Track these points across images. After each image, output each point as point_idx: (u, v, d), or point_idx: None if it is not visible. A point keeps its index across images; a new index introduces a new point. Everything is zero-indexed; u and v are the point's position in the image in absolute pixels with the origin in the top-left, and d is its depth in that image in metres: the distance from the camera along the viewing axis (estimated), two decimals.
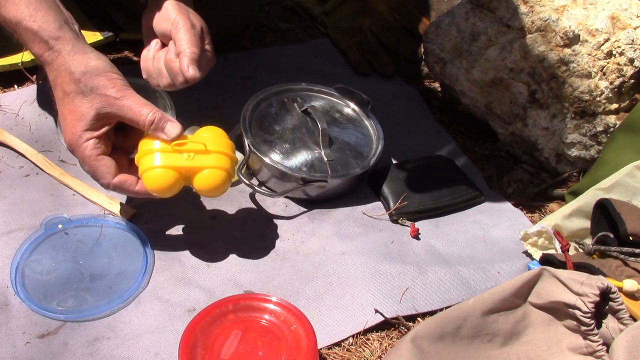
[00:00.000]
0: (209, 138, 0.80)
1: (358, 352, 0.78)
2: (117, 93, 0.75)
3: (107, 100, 0.74)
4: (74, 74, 0.74)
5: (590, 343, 0.71)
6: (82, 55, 0.75)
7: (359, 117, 1.06)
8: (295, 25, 1.39)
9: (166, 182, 0.77)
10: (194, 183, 0.79)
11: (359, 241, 0.91)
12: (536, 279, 0.73)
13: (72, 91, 0.74)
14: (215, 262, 0.86)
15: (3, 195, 0.90)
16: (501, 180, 1.10)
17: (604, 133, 1.08)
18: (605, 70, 1.05)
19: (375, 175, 1.01)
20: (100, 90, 0.74)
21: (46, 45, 0.75)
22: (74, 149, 0.76)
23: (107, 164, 0.76)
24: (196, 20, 0.86)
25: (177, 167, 0.77)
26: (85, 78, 0.74)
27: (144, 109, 0.76)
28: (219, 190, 0.81)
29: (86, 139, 0.75)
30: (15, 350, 0.73)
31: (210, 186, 0.79)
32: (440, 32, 1.17)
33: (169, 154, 0.77)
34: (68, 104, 0.75)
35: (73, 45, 0.75)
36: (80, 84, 0.74)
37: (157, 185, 0.77)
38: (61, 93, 0.75)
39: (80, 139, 0.75)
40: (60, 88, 0.75)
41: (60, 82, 0.75)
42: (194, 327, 0.72)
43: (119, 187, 0.78)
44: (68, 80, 0.74)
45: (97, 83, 0.74)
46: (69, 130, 0.75)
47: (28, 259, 0.82)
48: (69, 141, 0.76)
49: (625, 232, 0.82)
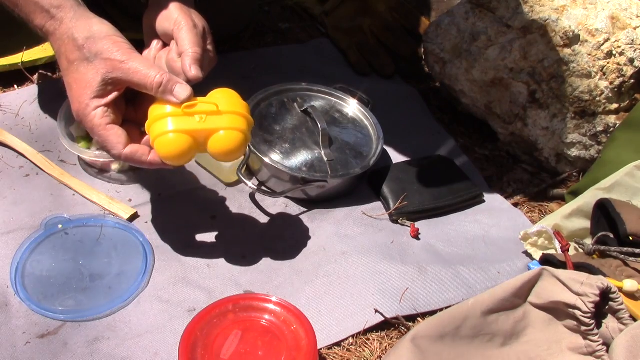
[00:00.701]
0: (221, 99, 0.76)
1: (358, 352, 0.78)
2: (122, 56, 0.72)
3: (112, 64, 0.72)
4: (77, 40, 0.72)
5: (590, 343, 0.71)
6: (85, 21, 0.73)
7: (359, 117, 1.06)
8: (295, 25, 1.39)
9: (180, 147, 0.73)
10: (208, 147, 0.75)
11: (359, 241, 0.91)
12: (536, 279, 0.73)
13: (77, 59, 0.72)
14: (215, 262, 0.86)
15: (3, 195, 0.90)
16: (501, 180, 1.10)
17: (604, 133, 1.08)
18: (605, 70, 1.05)
19: (375, 175, 1.01)
20: (105, 54, 0.72)
21: (48, 14, 0.73)
22: (82, 118, 0.73)
23: (117, 133, 0.73)
24: (198, 20, 0.86)
25: (190, 131, 0.73)
26: (88, 44, 0.72)
27: (151, 71, 0.73)
28: (236, 154, 0.76)
29: (94, 107, 0.72)
30: (15, 350, 0.73)
31: (227, 149, 0.75)
32: (440, 32, 1.17)
33: (180, 117, 0.73)
34: (73, 73, 0.73)
35: (75, 12, 0.74)
36: (84, 50, 0.72)
37: (170, 152, 0.73)
38: (65, 62, 0.73)
39: (88, 108, 0.72)
40: (64, 57, 0.73)
41: (64, 50, 0.73)
42: (194, 327, 0.72)
43: (130, 158, 0.74)
44: (72, 47, 0.72)
45: (101, 47, 0.72)
46: (75, 99, 0.73)
47: (28, 259, 0.82)
48: (76, 111, 0.73)
49: (625, 232, 0.82)
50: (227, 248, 0.88)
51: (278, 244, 0.90)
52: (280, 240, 0.91)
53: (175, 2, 0.85)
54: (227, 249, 0.88)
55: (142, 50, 0.90)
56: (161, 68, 0.75)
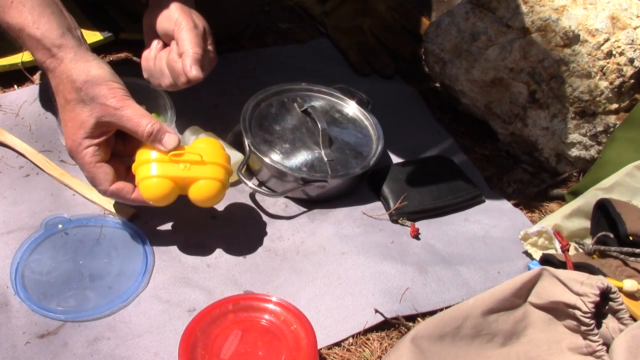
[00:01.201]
0: (205, 149, 0.82)
1: (358, 352, 0.78)
2: (117, 103, 0.76)
3: (107, 109, 0.76)
4: (75, 82, 0.75)
5: (590, 343, 0.71)
6: (83, 64, 0.76)
7: (359, 117, 1.06)
8: (295, 25, 1.39)
9: (162, 191, 0.79)
10: (189, 193, 0.81)
11: (359, 241, 0.91)
12: (536, 279, 0.73)
13: (73, 99, 0.76)
14: (215, 262, 0.86)
15: (3, 195, 0.90)
16: (501, 180, 1.10)
17: (604, 133, 1.08)
18: (605, 70, 1.05)
19: (375, 175, 1.01)
20: (101, 99, 0.75)
21: (49, 52, 0.76)
22: (74, 155, 0.78)
23: (105, 171, 0.78)
24: (199, 21, 0.86)
25: (173, 177, 0.79)
26: (86, 87, 0.75)
27: (142, 120, 0.77)
28: (213, 201, 0.83)
29: (86, 146, 0.76)
30: (15, 350, 0.73)
31: (205, 196, 0.81)
32: (440, 32, 1.17)
33: (165, 163, 0.79)
34: (69, 112, 0.76)
35: (75, 53, 0.76)
36: (81, 93, 0.75)
37: (153, 194, 0.79)
38: (63, 100, 0.77)
39: (80, 146, 0.76)
40: (62, 95, 0.77)
41: (62, 89, 0.76)
42: (194, 327, 0.72)
43: (115, 194, 0.80)
44: (70, 88, 0.75)
45: (97, 92, 0.75)
46: (69, 137, 0.77)
47: (28, 259, 0.82)
48: (69, 147, 0.77)
49: (625, 232, 0.82)
50: (227, 248, 0.88)
51: (278, 244, 0.90)
52: (280, 240, 0.91)
53: (175, 2, 0.85)
54: (227, 249, 0.88)
55: (142, 50, 0.91)
56: (152, 117, 0.78)
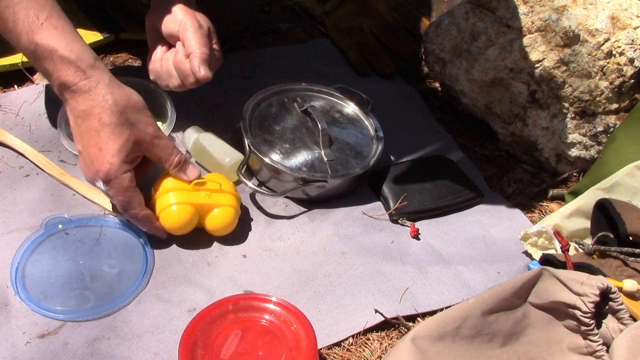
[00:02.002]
0: (219, 179, 0.88)
1: (358, 352, 0.78)
2: (156, 132, 0.79)
3: (145, 136, 0.78)
4: (117, 105, 0.75)
5: (590, 343, 0.71)
6: (121, 89, 0.77)
7: (359, 117, 1.06)
8: (295, 25, 1.39)
9: (184, 217, 0.84)
10: (207, 221, 0.86)
11: (359, 241, 0.91)
12: (536, 279, 0.73)
13: (113, 122, 0.75)
14: (215, 261, 0.86)
15: (3, 195, 0.90)
16: (501, 180, 1.10)
17: (604, 133, 1.08)
18: (605, 70, 1.05)
19: (375, 175, 1.01)
20: (141, 125, 0.77)
21: (83, 74, 0.75)
22: (111, 179, 0.77)
23: (139, 195, 0.80)
24: (203, 21, 0.86)
25: (196, 204, 0.84)
26: (127, 112, 0.76)
27: (175, 150, 0.82)
28: (230, 227, 0.88)
29: (125, 170, 0.77)
30: (15, 350, 0.73)
31: (223, 224, 0.86)
32: (440, 32, 1.17)
33: (187, 192, 0.84)
34: (106, 135, 0.76)
35: (110, 77, 0.77)
36: (121, 117, 0.76)
37: (176, 221, 0.84)
38: (98, 123, 0.76)
39: (120, 170, 0.77)
40: (97, 118, 0.75)
41: (98, 112, 0.75)
42: (194, 327, 0.72)
43: (147, 219, 0.82)
44: (110, 111, 0.75)
45: (138, 119, 0.77)
46: (105, 160, 0.76)
47: (28, 259, 0.82)
48: (106, 171, 0.76)
49: (625, 232, 0.82)
50: (227, 248, 0.88)
51: (278, 244, 0.90)
52: (280, 240, 0.91)
53: (179, 3, 0.86)
54: (227, 249, 0.88)
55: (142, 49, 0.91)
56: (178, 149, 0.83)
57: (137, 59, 1.17)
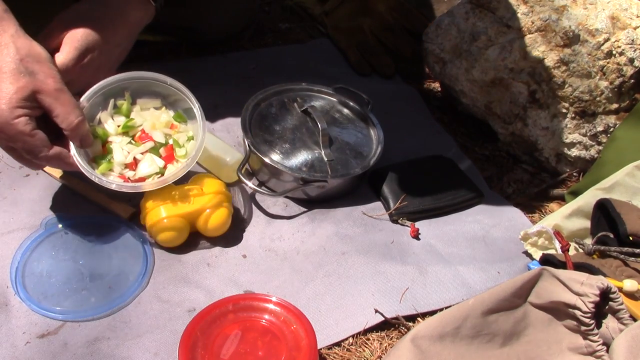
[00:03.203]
0: (201, 181, 0.87)
1: (358, 352, 0.78)
2: (56, 84, 0.75)
3: (44, 87, 0.74)
4: (17, 52, 0.73)
5: (590, 343, 0.71)
6: (26, 40, 0.74)
7: (359, 117, 1.06)
8: (295, 25, 1.39)
9: (175, 229, 0.84)
10: (198, 225, 0.86)
11: (359, 241, 0.91)
12: (536, 279, 0.73)
13: (11, 69, 0.72)
14: (215, 262, 0.86)
15: (3, 195, 0.90)
16: (501, 180, 1.10)
17: (604, 133, 1.08)
18: (605, 70, 1.05)
19: (375, 175, 1.01)
20: (40, 76, 0.74)
21: None
22: (2, 125, 0.73)
23: (41, 137, 0.75)
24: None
25: (183, 214, 0.84)
26: (27, 60, 0.73)
27: (76, 110, 0.77)
28: (223, 228, 0.87)
29: (17, 115, 0.73)
30: (15, 350, 0.73)
31: (217, 224, 0.86)
32: (440, 32, 1.17)
33: (172, 204, 0.84)
34: (1, 81, 0.72)
35: (17, 29, 0.74)
36: (20, 64, 0.73)
37: (168, 235, 0.84)
38: None
39: (12, 114, 0.72)
40: None
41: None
42: (194, 327, 0.72)
43: (57, 157, 0.77)
44: (9, 58, 0.73)
45: (38, 69, 0.74)
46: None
47: (28, 259, 0.82)
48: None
49: (625, 232, 0.82)
50: (227, 248, 0.88)
51: (278, 244, 0.90)
52: (280, 240, 0.91)
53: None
54: (227, 249, 0.88)
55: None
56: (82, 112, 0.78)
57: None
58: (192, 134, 0.89)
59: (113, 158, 0.84)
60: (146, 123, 0.87)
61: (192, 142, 0.88)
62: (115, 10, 0.85)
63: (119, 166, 0.84)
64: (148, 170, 0.85)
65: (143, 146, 0.86)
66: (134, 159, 0.85)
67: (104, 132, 0.85)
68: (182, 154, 0.87)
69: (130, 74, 0.86)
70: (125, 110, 0.87)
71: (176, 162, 0.87)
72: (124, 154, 0.85)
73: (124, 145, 0.85)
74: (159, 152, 0.87)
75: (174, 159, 0.87)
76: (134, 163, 0.85)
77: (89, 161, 0.83)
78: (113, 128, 0.86)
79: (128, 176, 0.84)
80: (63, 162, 0.78)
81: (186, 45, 1.23)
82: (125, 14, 0.86)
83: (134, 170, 0.85)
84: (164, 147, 0.87)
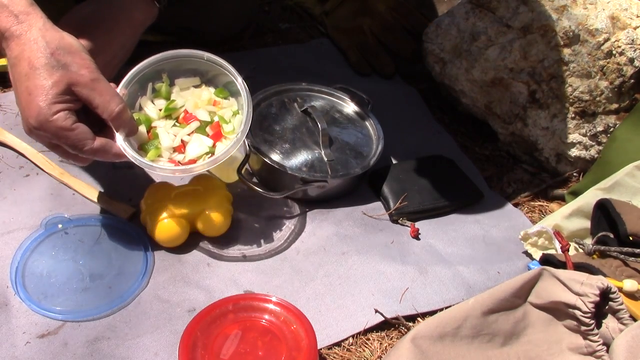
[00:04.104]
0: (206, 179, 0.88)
1: (358, 352, 0.78)
2: (91, 74, 0.73)
3: (79, 79, 0.72)
4: (48, 46, 0.71)
5: (590, 343, 0.71)
6: (55, 32, 0.72)
7: (359, 117, 1.06)
8: (295, 25, 1.39)
9: (175, 230, 0.84)
10: (199, 226, 0.86)
11: (359, 241, 0.91)
12: (536, 279, 0.73)
13: (43, 65, 0.70)
14: (215, 262, 0.86)
15: (3, 195, 0.90)
16: (501, 180, 1.10)
17: (604, 133, 1.08)
18: (605, 70, 1.05)
19: (375, 175, 1.01)
20: (73, 67, 0.72)
21: (15, 18, 0.71)
22: (42, 122, 0.71)
23: (84, 130, 0.73)
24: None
25: (185, 214, 0.84)
26: (58, 53, 0.71)
27: (115, 98, 0.74)
28: (223, 228, 0.87)
29: (56, 110, 0.71)
30: (15, 350, 0.73)
31: (216, 225, 0.86)
32: (440, 32, 1.17)
33: (172, 204, 0.84)
34: (35, 78, 0.70)
35: (44, 22, 0.72)
36: (52, 58, 0.71)
37: (168, 235, 0.84)
38: (27, 67, 0.71)
39: (50, 110, 0.70)
40: (27, 62, 0.71)
41: (28, 55, 0.71)
42: (194, 327, 0.72)
43: (102, 150, 0.75)
44: (40, 53, 0.70)
45: (71, 60, 0.72)
46: (35, 104, 0.70)
47: (28, 259, 0.82)
48: (35, 115, 0.70)
49: (625, 232, 0.82)
50: (227, 248, 0.88)
51: (278, 244, 0.90)
52: (280, 240, 0.91)
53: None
54: (227, 249, 0.88)
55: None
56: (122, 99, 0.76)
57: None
58: (237, 108, 0.85)
59: (160, 143, 0.81)
60: (188, 103, 0.84)
61: (238, 117, 0.84)
62: (120, 11, 0.85)
63: (168, 151, 0.81)
64: (198, 151, 0.81)
65: (189, 127, 0.82)
66: (182, 142, 0.82)
67: (147, 117, 0.82)
68: (230, 130, 0.83)
69: (164, 54, 0.83)
70: (165, 92, 0.85)
71: (224, 139, 0.83)
72: (171, 138, 0.81)
73: (169, 128, 0.82)
74: (205, 131, 0.83)
75: (222, 136, 0.83)
76: (182, 146, 0.82)
77: (136, 150, 0.80)
78: (155, 112, 0.83)
79: (178, 160, 0.81)
80: (110, 154, 0.75)
81: (186, 45, 1.23)
82: (129, 15, 0.86)
83: (183, 153, 0.82)
84: (210, 125, 0.83)
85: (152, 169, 0.78)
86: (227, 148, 0.80)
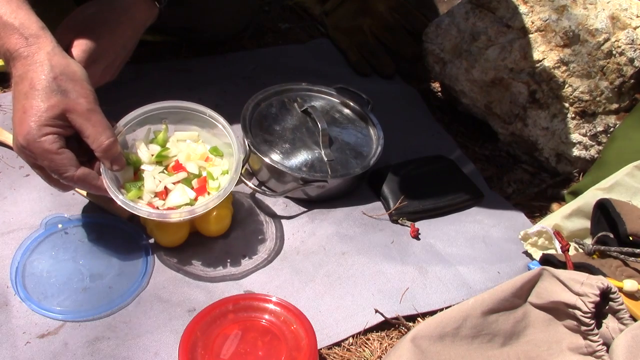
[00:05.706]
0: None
1: (358, 352, 0.78)
2: (88, 105, 0.74)
3: (76, 107, 0.73)
4: (52, 70, 0.72)
5: (590, 343, 0.71)
6: (62, 58, 0.74)
7: (359, 117, 1.06)
8: (295, 25, 1.39)
9: (174, 230, 0.84)
10: (199, 225, 0.86)
11: (359, 241, 0.91)
12: (536, 279, 0.73)
13: (43, 87, 0.72)
14: (215, 262, 0.86)
15: (3, 195, 0.90)
16: (501, 180, 1.10)
17: (604, 133, 1.08)
18: (605, 70, 1.05)
19: (375, 175, 1.01)
20: (72, 95, 0.73)
21: (25, 41, 0.72)
22: (29, 142, 0.72)
23: (69, 156, 0.74)
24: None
25: None
26: (61, 79, 0.73)
27: (107, 131, 0.75)
28: (224, 227, 0.88)
29: (45, 132, 0.72)
30: (15, 350, 0.73)
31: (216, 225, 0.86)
32: (440, 32, 1.17)
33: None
34: (32, 98, 0.72)
35: (54, 47, 0.74)
36: (53, 82, 0.72)
37: (167, 235, 0.85)
38: (28, 87, 0.72)
39: (39, 132, 0.71)
40: (28, 82, 0.72)
41: (31, 76, 0.72)
42: (194, 327, 0.72)
43: (82, 180, 0.75)
44: (43, 76, 0.72)
45: (71, 88, 0.73)
46: (26, 123, 0.71)
47: (28, 259, 0.82)
48: (25, 134, 0.71)
49: (625, 232, 0.82)
50: (227, 248, 0.88)
51: (278, 244, 0.90)
52: (280, 240, 0.91)
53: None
54: (227, 249, 0.88)
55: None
56: (114, 134, 0.76)
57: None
58: (227, 168, 0.86)
59: (144, 186, 0.82)
60: (181, 154, 0.85)
61: (226, 176, 0.85)
62: (121, 11, 0.85)
63: (149, 194, 0.82)
64: (178, 201, 0.82)
65: (176, 176, 0.83)
66: (165, 188, 0.83)
67: (137, 159, 0.83)
68: (215, 187, 0.84)
69: (169, 102, 0.85)
70: (162, 140, 0.86)
71: (207, 194, 0.84)
72: (155, 183, 0.82)
73: (156, 173, 0.83)
74: (191, 183, 0.84)
75: (206, 191, 0.84)
76: (164, 192, 0.82)
77: (118, 187, 0.80)
78: (147, 156, 0.84)
79: (157, 205, 0.81)
80: (90, 184, 0.76)
81: (186, 45, 1.24)
82: (131, 16, 0.86)
83: (164, 200, 0.82)
84: (197, 178, 0.84)
85: (129, 208, 0.78)
86: (206, 202, 0.80)
